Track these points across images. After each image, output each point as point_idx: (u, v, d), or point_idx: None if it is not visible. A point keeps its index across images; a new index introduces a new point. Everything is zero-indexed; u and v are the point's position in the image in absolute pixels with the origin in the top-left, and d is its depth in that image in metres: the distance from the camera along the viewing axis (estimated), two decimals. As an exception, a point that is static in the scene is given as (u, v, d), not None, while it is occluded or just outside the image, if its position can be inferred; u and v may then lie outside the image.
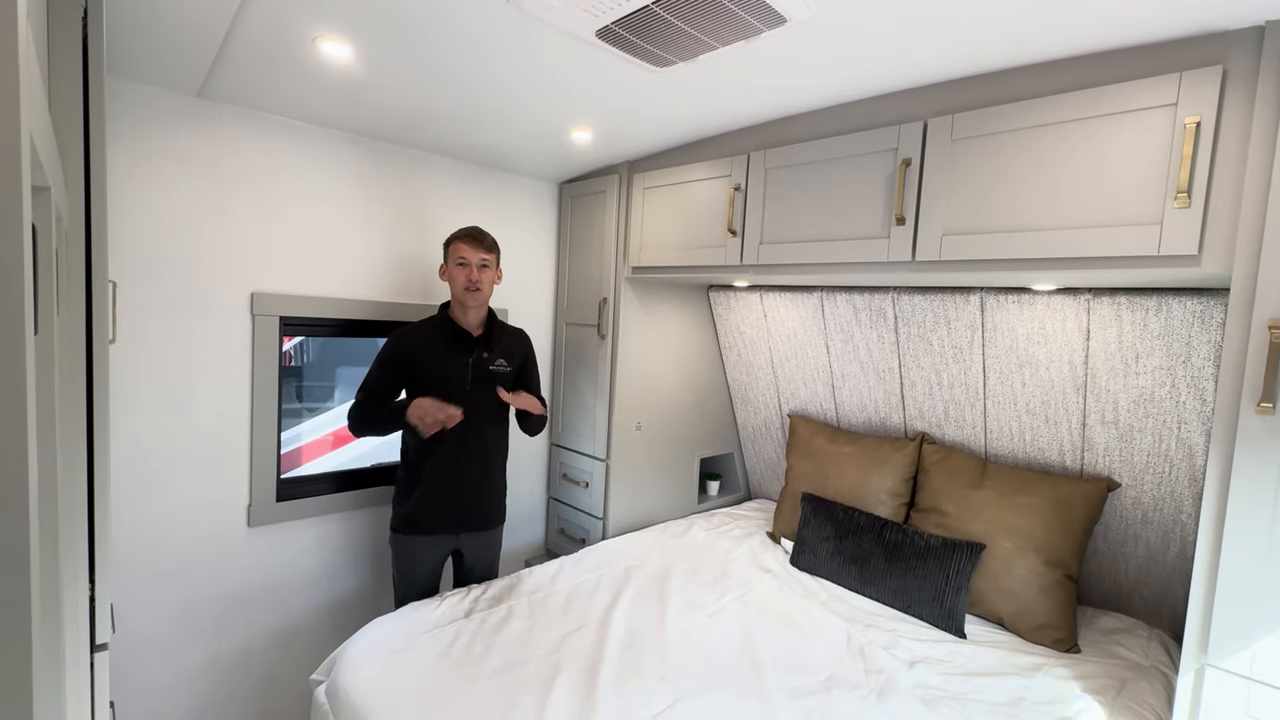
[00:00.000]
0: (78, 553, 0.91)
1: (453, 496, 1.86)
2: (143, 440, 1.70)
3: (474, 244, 1.82)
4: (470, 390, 1.83)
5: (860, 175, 1.61)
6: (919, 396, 2.13)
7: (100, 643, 1.02)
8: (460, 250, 1.81)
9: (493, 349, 1.89)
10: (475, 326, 1.87)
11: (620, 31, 1.29)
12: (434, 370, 1.80)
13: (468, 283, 1.80)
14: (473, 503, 1.90)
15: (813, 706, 1.38)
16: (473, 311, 1.85)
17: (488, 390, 1.85)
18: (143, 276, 1.66)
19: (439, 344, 1.83)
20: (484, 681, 1.41)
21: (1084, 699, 1.43)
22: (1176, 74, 1.17)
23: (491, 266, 1.86)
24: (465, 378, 1.83)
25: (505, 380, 1.90)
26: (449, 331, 1.85)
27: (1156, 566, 1.80)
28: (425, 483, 1.84)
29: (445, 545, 1.91)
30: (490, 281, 1.85)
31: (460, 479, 1.86)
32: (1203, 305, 1.48)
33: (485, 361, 1.86)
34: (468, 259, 1.81)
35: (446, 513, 1.86)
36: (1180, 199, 1.16)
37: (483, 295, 1.83)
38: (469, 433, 1.83)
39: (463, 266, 1.81)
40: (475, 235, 1.83)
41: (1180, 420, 1.62)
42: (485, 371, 1.86)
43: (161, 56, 1.47)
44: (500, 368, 1.90)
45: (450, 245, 1.85)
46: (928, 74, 1.47)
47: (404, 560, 1.88)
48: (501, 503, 2.00)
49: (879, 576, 1.88)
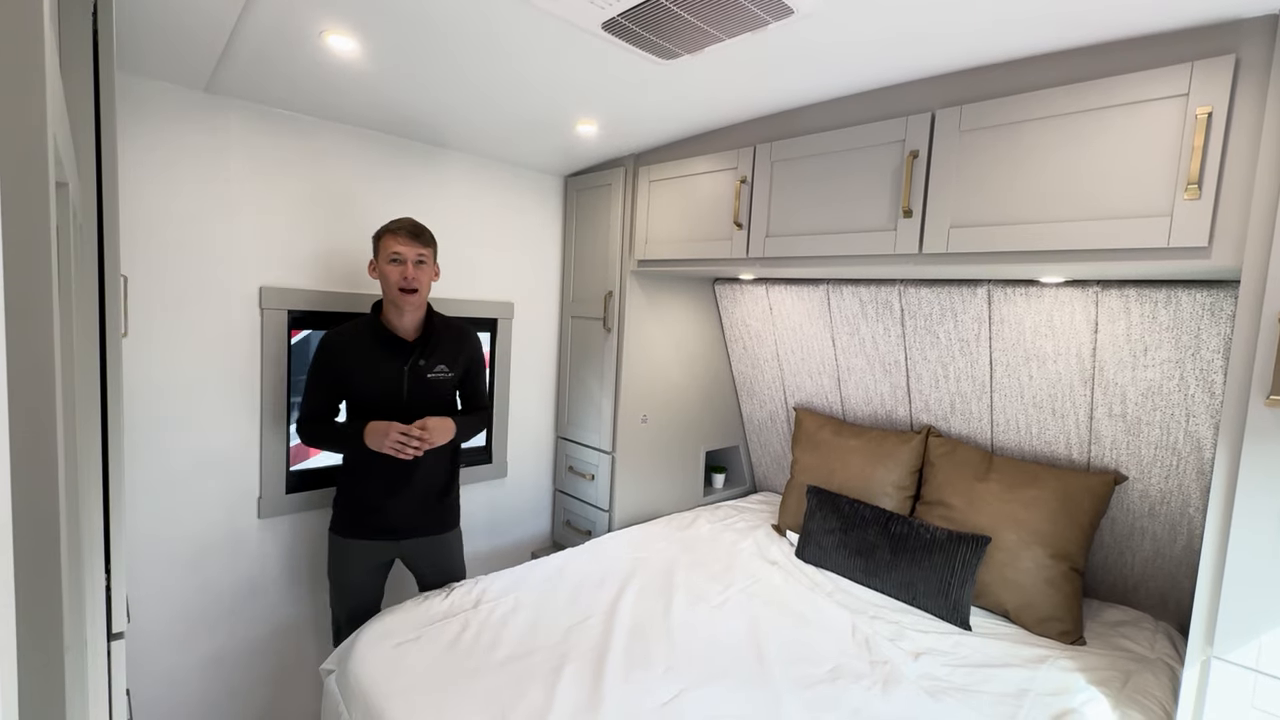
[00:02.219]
0: (94, 544, 0.93)
1: (392, 504, 1.74)
2: (155, 432, 1.72)
3: (409, 238, 1.64)
4: (408, 401, 1.69)
5: (867, 167, 1.61)
6: (925, 389, 2.13)
7: (117, 632, 1.04)
8: (393, 245, 1.64)
9: (431, 354, 1.73)
10: (411, 330, 1.71)
11: (626, 24, 1.29)
12: (367, 381, 1.67)
13: (402, 282, 1.62)
14: (415, 511, 1.78)
15: (818, 697, 1.39)
16: (409, 314, 1.68)
17: (428, 399, 1.72)
18: (153, 270, 1.67)
19: (371, 351, 1.68)
20: (492, 671, 1.43)
21: (1089, 691, 1.43)
22: (1188, 64, 1.16)
23: (429, 262, 1.69)
24: (401, 388, 1.69)
25: (447, 388, 1.76)
26: (381, 337, 1.69)
27: (1163, 559, 1.79)
28: (365, 486, 1.73)
29: (385, 553, 1.78)
30: (428, 280, 1.70)
31: (401, 487, 1.74)
32: (1212, 297, 1.47)
33: (423, 369, 1.71)
34: (403, 255, 1.63)
35: (386, 519, 1.75)
36: (1191, 190, 1.15)
37: (420, 297, 1.67)
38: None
39: (397, 264, 1.63)
40: (411, 229, 1.66)
41: (1189, 413, 1.62)
42: (424, 381, 1.71)
43: (169, 51, 1.47)
44: (441, 374, 1.73)
45: (381, 239, 1.67)
46: (935, 65, 1.46)
47: (338, 563, 1.78)
48: (452, 508, 1.88)
49: (884, 569, 1.89)
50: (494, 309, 2.38)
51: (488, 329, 2.42)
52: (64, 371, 0.45)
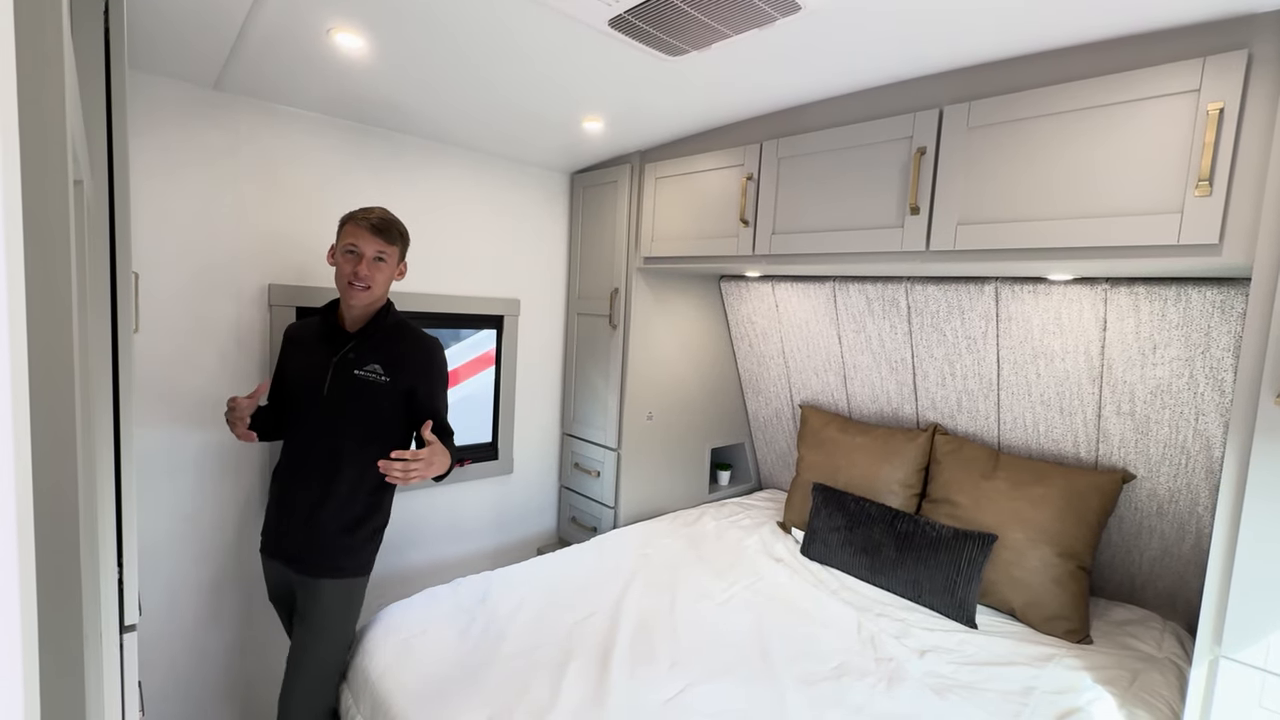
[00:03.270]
0: (107, 537, 0.94)
1: (282, 520, 1.55)
2: (165, 427, 1.74)
3: (371, 233, 1.46)
4: (327, 397, 1.50)
5: (874, 164, 1.60)
6: (932, 387, 2.12)
7: (129, 624, 1.05)
8: (352, 236, 1.47)
9: (365, 351, 1.52)
10: (354, 325, 1.56)
11: (633, 20, 1.29)
12: (294, 369, 1.56)
13: (354, 277, 1.46)
14: (299, 537, 1.51)
15: (823, 694, 1.40)
16: (355, 310, 1.52)
17: (351, 400, 1.50)
18: (164, 267, 1.68)
19: (312, 341, 1.56)
20: (499, 665, 1.44)
21: (1095, 689, 1.43)
22: (1199, 59, 1.15)
23: (390, 261, 1.51)
24: (322, 382, 1.50)
25: (378, 394, 1.51)
26: (325, 326, 1.56)
27: (1171, 559, 1.79)
28: (272, 489, 1.60)
29: (284, 577, 1.58)
30: (386, 280, 1.52)
31: (292, 501, 1.52)
32: (1223, 295, 1.46)
33: (349, 363, 1.51)
34: (359, 249, 1.46)
35: (277, 538, 1.56)
36: (1201, 187, 1.14)
37: (371, 295, 1.49)
38: (315, 447, 1.51)
39: (352, 255, 1.47)
40: (376, 222, 1.47)
41: (1198, 411, 1.61)
42: (349, 378, 1.50)
43: (179, 49, 1.48)
44: (371, 375, 1.50)
45: (343, 226, 1.51)
46: (944, 61, 1.45)
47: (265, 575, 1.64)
48: (355, 550, 1.52)
49: (890, 566, 1.89)
50: (500, 306, 2.39)
51: (494, 326, 2.43)
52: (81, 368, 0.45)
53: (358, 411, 1.51)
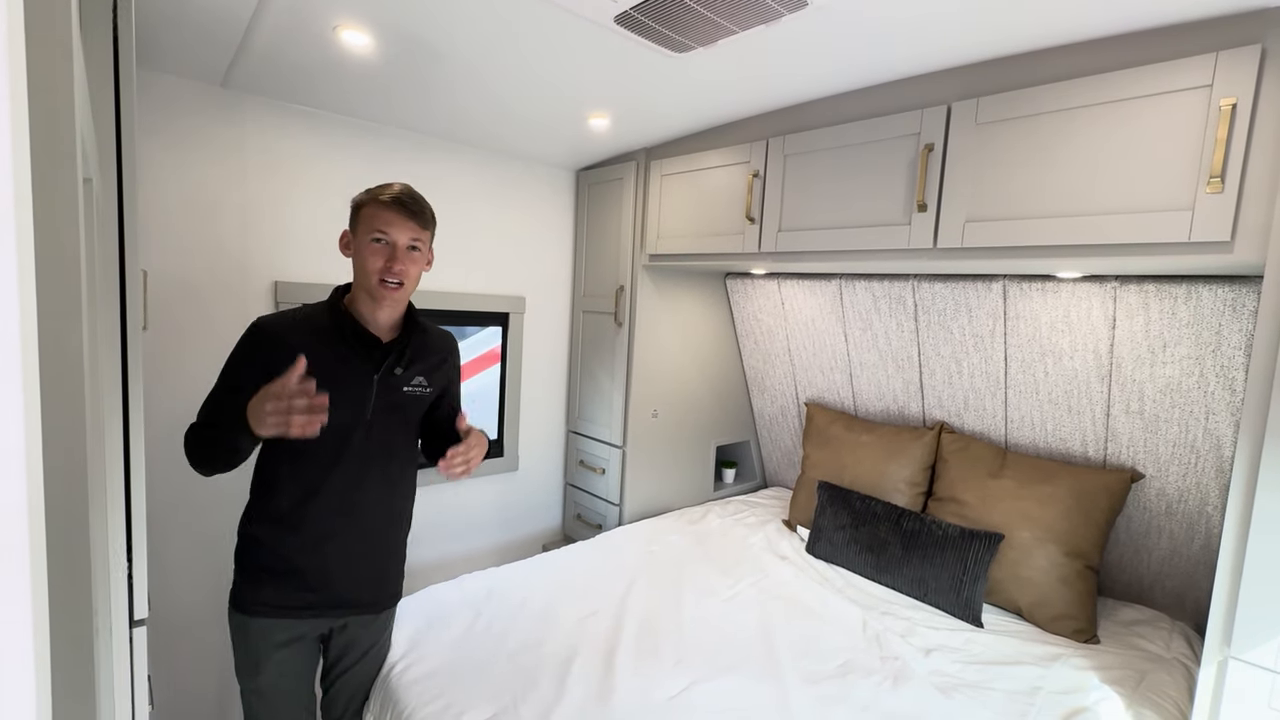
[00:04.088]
0: (117, 532, 0.95)
1: (336, 565, 1.29)
2: (175, 424, 1.75)
3: (403, 215, 1.21)
4: (373, 420, 1.27)
5: (881, 161, 1.59)
6: (938, 385, 2.11)
7: (139, 618, 1.06)
8: (381, 221, 1.20)
9: (412, 362, 1.32)
10: (387, 329, 1.30)
11: (639, 17, 1.28)
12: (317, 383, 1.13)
13: (387, 272, 1.21)
14: (364, 575, 1.33)
15: (828, 692, 1.40)
16: (386, 311, 1.27)
17: (399, 423, 1.32)
18: (172, 264, 1.69)
19: (329, 349, 1.23)
20: (504, 661, 1.45)
21: (1102, 689, 1.42)
22: (1212, 54, 1.13)
23: (424, 250, 1.27)
24: (367, 402, 1.26)
25: (422, 409, 1.36)
26: (347, 332, 1.25)
27: (1180, 558, 1.77)
28: (295, 538, 1.26)
29: (314, 633, 1.33)
30: (419, 274, 1.27)
31: (350, 540, 1.29)
32: (1234, 293, 1.45)
33: (398, 380, 1.29)
34: (391, 237, 1.21)
35: (324, 587, 1.29)
36: (1213, 184, 1.13)
37: (405, 293, 1.25)
38: (367, 477, 1.28)
39: (381, 245, 1.21)
40: (407, 202, 1.22)
41: (1208, 410, 1.59)
42: (398, 396, 1.30)
43: (186, 47, 1.49)
44: (419, 390, 1.33)
45: (363, 209, 1.23)
46: (952, 56, 1.44)
47: (247, 653, 1.29)
48: (402, 573, 1.44)
49: (895, 565, 1.89)
50: (505, 303, 2.39)
51: (499, 323, 2.43)
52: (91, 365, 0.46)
53: (408, 430, 1.35)
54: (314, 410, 1.04)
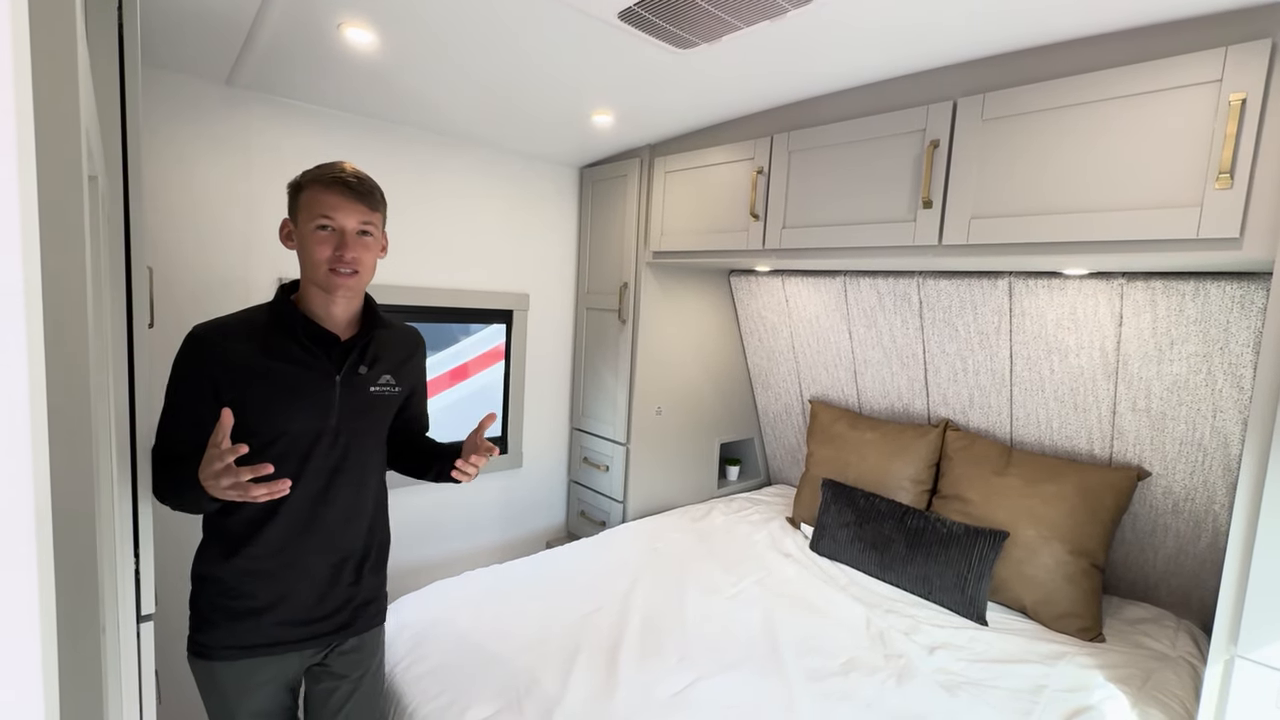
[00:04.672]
0: (124, 529, 0.95)
1: (303, 589, 1.14)
2: (179, 421, 1.76)
3: (350, 196, 1.07)
4: (339, 426, 1.13)
5: (886, 157, 1.58)
6: (943, 383, 2.10)
7: (146, 614, 1.06)
8: (325, 205, 1.06)
9: (376, 359, 1.18)
10: (344, 325, 1.15)
11: (643, 13, 1.28)
12: (274, 396, 1.08)
13: (336, 261, 1.06)
14: (336, 595, 1.18)
15: (831, 689, 1.40)
16: (341, 304, 1.12)
17: (366, 427, 1.18)
18: (177, 262, 1.70)
19: (281, 353, 1.09)
20: (508, 658, 1.45)
21: (1107, 688, 1.42)
22: (1222, 49, 1.12)
23: (377, 234, 1.13)
24: (330, 408, 1.12)
25: (390, 410, 1.23)
26: (299, 331, 1.10)
27: (1186, 557, 1.76)
28: (253, 566, 1.11)
29: (293, 668, 1.18)
30: (374, 260, 1.13)
31: (315, 560, 1.15)
32: (1243, 290, 1.43)
33: (364, 380, 1.16)
34: (338, 222, 1.06)
35: (291, 616, 1.14)
36: (1222, 180, 1.12)
37: (361, 281, 1.11)
38: (333, 489, 1.15)
39: (326, 233, 1.06)
40: (352, 184, 1.08)
41: (1216, 408, 1.58)
42: (365, 396, 1.16)
43: (191, 45, 1.49)
44: (387, 389, 1.19)
45: (302, 194, 1.09)
46: (958, 52, 1.43)
47: (220, 707, 1.15)
48: (384, 589, 1.29)
49: (899, 563, 1.88)
50: (509, 300, 2.40)
51: (503, 320, 2.43)
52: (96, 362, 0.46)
53: (378, 434, 1.22)
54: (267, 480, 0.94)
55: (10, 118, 0.25)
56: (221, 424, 0.95)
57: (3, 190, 0.25)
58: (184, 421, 1.07)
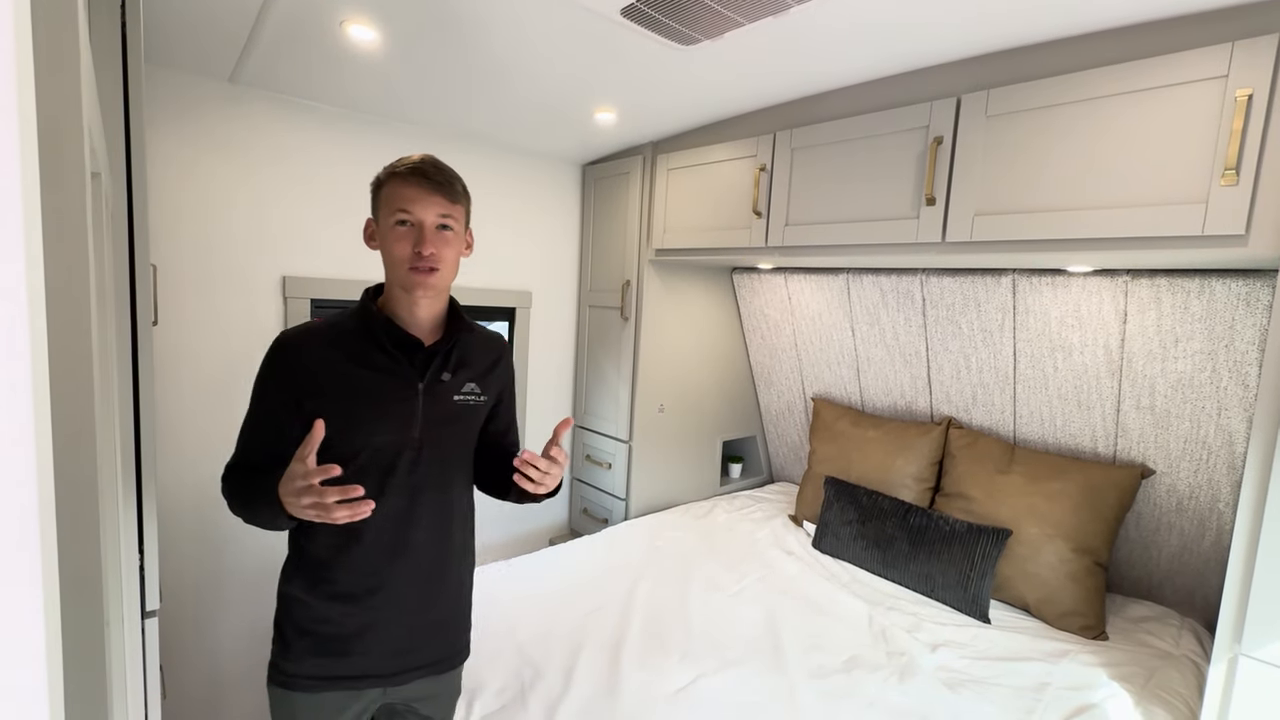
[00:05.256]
0: (129, 525, 0.96)
1: (390, 619, 1.06)
2: (185, 418, 1.76)
3: (427, 188, 1.00)
4: (422, 440, 1.05)
5: (889, 154, 1.58)
6: (946, 380, 2.10)
7: (150, 609, 1.07)
8: (403, 198, 1.00)
9: (460, 366, 1.10)
10: (428, 329, 1.08)
11: (646, 9, 1.27)
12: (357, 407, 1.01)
13: (415, 259, 1.00)
14: (425, 628, 1.09)
15: (834, 686, 1.40)
16: (424, 304, 1.05)
17: (450, 438, 1.09)
18: (181, 259, 1.71)
19: (363, 359, 1.03)
20: (511, 654, 1.46)
21: (1110, 686, 1.41)
22: (1228, 44, 1.11)
23: (458, 229, 1.06)
24: (413, 417, 1.04)
25: (476, 421, 1.14)
26: (383, 337, 1.03)
27: (1190, 555, 1.76)
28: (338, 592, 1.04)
29: (371, 707, 1.09)
30: (456, 257, 1.06)
31: (404, 587, 1.06)
32: (1248, 287, 1.43)
33: (447, 388, 1.07)
34: (416, 216, 1.00)
35: (378, 648, 1.05)
36: (1228, 176, 1.11)
37: (442, 280, 1.03)
38: (420, 509, 1.06)
39: (405, 228, 1.00)
40: (431, 173, 1.02)
41: (1220, 406, 1.58)
42: (449, 406, 1.08)
43: (194, 43, 1.49)
44: (471, 398, 1.10)
45: (382, 189, 1.03)
46: (962, 48, 1.42)
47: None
48: (470, 621, 1.19)
49: (902, 560, 1.88)
50: (512, 298, 2.40)
51: (506, 318, 2.43)
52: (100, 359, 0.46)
53: (464, 447, 1.13)
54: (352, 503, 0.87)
55: (12, 115, 0.25)
56: (311, 437, 0.88)
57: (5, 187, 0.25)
58: (264, 432, 1.02)
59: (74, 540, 0.36)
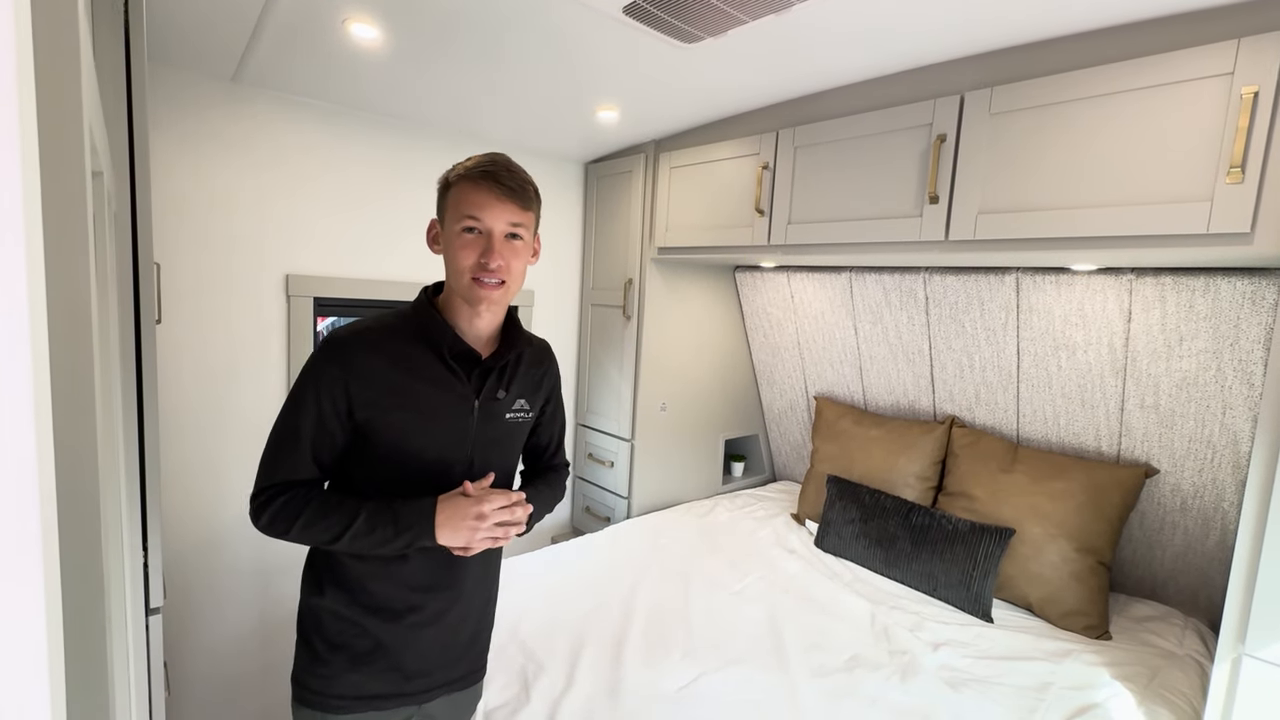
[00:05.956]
0: (132, 523, 0.96)
1: (434, 639, 1.03)
2: (188, 416, 1.77)
3: (499, 193, 0.94)
4: (473, 458, 1.01)
5: (892, 152, 1.57)
6: (949, 379, 2.09)
7: (154, 607, 1.08)
8: (471, 204, 0.94)
9: (513, 381, 1.05)
10: (485, 341, 1.03)
11: (648, 7, 1.27)
12: (411, 421, 0.96)
13: (481, 269, 0.94)
14: (461, 645, 1.08)
15: (835, 685, 1.40)
16: (486, 317, 1.00)
17: (498, 457, 1.05)
18: (185, 258, 1.71)
19: (422, 369, 0.97)
20: (513, 652, 1.46)
21: (1113, 685, 1.41)
22: (1234, 40, 1.11)
23: (528, 238, 1.00)
24: (466, 435, 1.00)
25: (523, 434, 1.11)
26: (444, 347, 0.98)
27: (1194, 555, 1.75)
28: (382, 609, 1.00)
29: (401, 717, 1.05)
30: (524, 269, 1.00)
31: (450, 607, 1.04)
32: (1253, 286, 1.42)
33: (500, 407, 1.03)
34: (485, 224, 0.94)
35: (418, 666, 1.03)
36: (1233, 174, 1.10)
37: (507, 293, 0.98)
38: None
39: (472, 235, 0.95)
40: (503, 178, 0.95)
41: (1225, 405, 1.57)
42: (500, 425, 1.04)
43: (197, 42, 1.50)
44: (520, 416, 1.07)
45: (450, 191, 0.97)
46: (966, 45, 1.42)
47: None
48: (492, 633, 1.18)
49: (905, 559, 1.88)
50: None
51: (508, 316, 2.43)
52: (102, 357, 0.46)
53: (506, 467, 1.08)
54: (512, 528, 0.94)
55: (12, 114, 0.25)
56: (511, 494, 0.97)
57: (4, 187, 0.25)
58: (315, 443, 0.93)
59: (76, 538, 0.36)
